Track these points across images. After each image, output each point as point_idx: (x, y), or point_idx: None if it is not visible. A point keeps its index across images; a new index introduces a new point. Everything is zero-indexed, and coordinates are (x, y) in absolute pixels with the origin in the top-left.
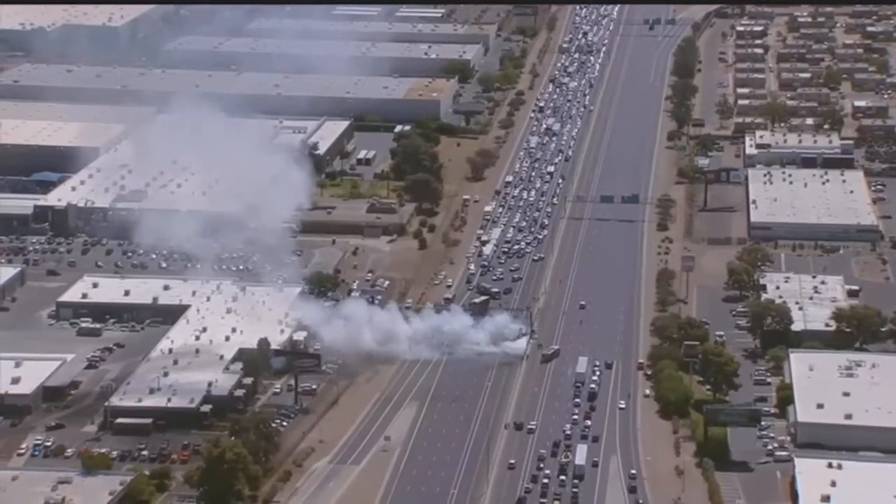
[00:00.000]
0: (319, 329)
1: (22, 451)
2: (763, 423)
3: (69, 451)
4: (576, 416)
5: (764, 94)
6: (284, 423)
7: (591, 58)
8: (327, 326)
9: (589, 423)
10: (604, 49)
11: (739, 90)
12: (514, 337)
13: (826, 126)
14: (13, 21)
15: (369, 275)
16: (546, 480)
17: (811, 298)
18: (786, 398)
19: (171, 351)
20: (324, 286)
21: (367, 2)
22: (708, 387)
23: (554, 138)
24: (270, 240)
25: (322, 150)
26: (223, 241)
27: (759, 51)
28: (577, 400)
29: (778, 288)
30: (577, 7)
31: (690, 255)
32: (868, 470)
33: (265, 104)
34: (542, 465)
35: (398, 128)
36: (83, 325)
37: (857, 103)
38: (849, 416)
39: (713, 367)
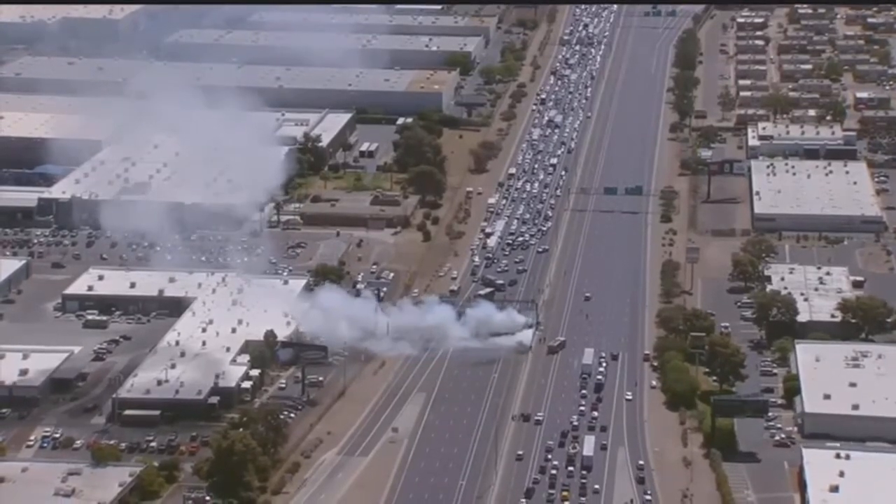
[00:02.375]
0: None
1: (31, 443)
2: (770, 413)
3: (78, 442)
4: (583, 408)
5: (765, 86)
6: (292, 415)
7: (593, 49)
8: (307, 319)
9: (596, 414)
10: (605, 41)
11: (741, 82)
12: (508, 330)
13: (828, 117)
14: (13, 14)
15: (374, 267)
16: (554, 472)
17: (816, 289)
18: (792, 389)
19: (177, 343)
20: (328, 278)
21: (369, 1)
22: (714, 378)
23: (556, 130)
24: (240, 229)
25: (325, 142)
26: (201, 231)
27: (760, 42)
28: (584, 391)
29: (783, 279)
30: None
31: (695, 246)
32: (876, 460)
33: (267, 97)
34: (549, 457)
35: (400, 120)
36: (89, 317)
37: (858, 94)
38: (856, 407)
39: (719, 358)
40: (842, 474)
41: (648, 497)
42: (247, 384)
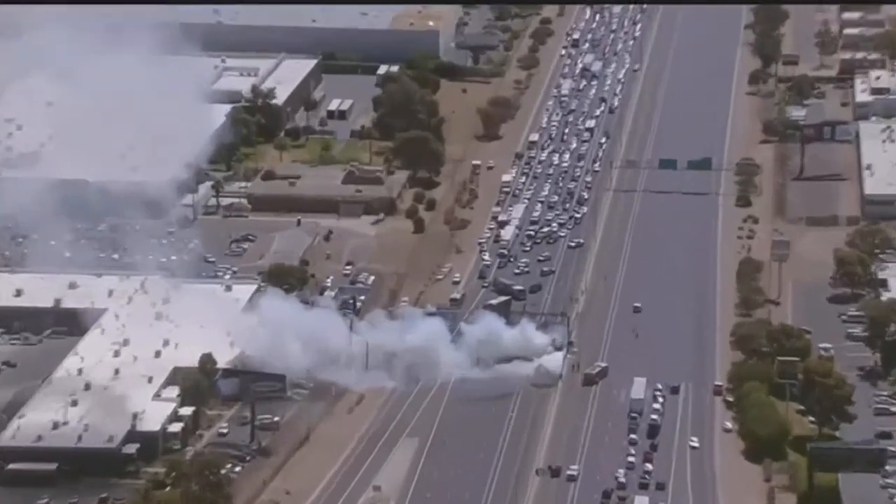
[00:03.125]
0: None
1: None
2: (888, 467)
3: None
4: (632, 459)
5: (880, 21)
6: (237, 469)
7: None
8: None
9: (650, 467)
10: None
11: (846, 16)
12: (523, 353)
13: None
14: None
15: (348, 267)
16: None
17: None
18: None
19: (80, 371)
20: (287, 283)
21: (366, 2)
22: (811, 418)
23: (594, 82)
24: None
25: (280, 98)
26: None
27: None
28: (633, 436)
29: None
30: None
31: (783, 239)
32: None
33: (202, 36)
34: None
35: (383, 69)
36: None
37: None
38: None
39: (818, 391)
40: None
41: None
42: (175, 427)
